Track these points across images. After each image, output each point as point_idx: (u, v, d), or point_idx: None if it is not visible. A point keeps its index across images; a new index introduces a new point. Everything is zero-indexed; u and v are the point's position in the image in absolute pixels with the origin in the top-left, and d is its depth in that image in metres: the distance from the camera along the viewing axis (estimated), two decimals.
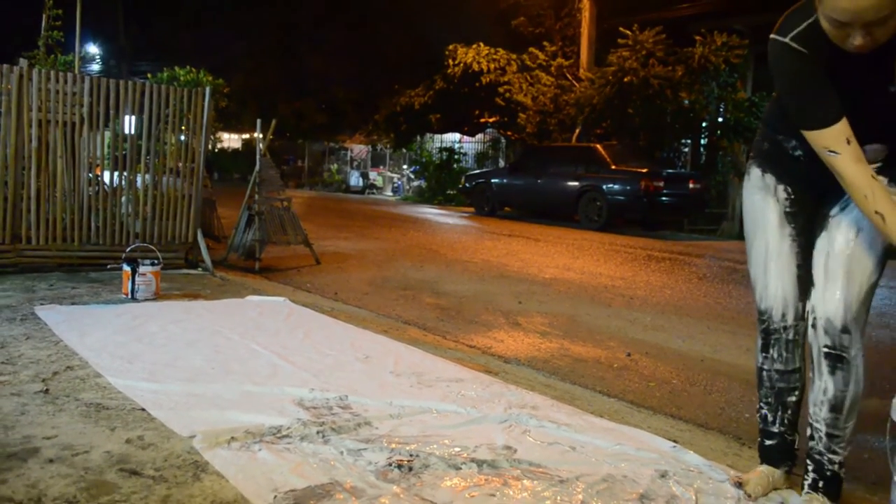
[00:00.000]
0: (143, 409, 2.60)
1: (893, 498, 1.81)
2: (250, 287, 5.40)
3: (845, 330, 1.98)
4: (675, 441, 2.63)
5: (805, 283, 2.11)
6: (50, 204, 5.34)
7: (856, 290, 1.98)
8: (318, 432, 2.43)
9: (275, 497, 1.94)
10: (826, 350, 2.02)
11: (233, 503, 1.92)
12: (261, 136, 7.05)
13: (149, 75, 7.89)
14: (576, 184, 13.41)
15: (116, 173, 5.66)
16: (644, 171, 12.60)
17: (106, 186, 5.67)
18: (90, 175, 5.51)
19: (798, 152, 2.06)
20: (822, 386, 2.04)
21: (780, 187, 2.12)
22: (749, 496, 2.11)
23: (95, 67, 26.81)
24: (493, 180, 15.58)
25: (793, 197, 2.11)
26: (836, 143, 1.85)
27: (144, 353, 3.33)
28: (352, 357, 3.49)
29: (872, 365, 3.99)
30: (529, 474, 2.22)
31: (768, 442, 2.24)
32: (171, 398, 2.71)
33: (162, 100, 5.72)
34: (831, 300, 2.00)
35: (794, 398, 2.21)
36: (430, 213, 16.06)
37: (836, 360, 2.01)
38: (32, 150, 5.22)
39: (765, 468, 2.23)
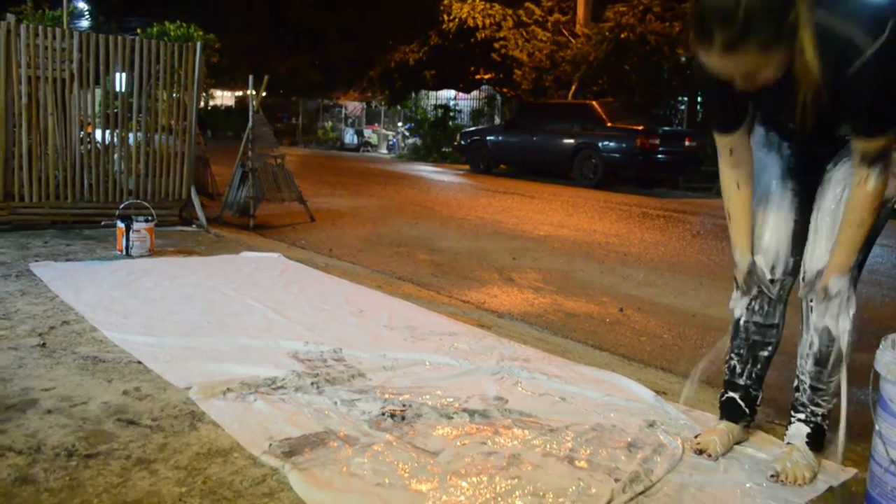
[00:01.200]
0: (140, 362, 2.63)
1: (875, 447, 1.85)
2: (245, 243, 5.41)
3: (840, 282, 1.97)
4: (664, 392, 2.68)
5: (799, 239, 2.11)
6: (42, 161, 5.32)
7: (857, 244, 1.94)
8: (312, 383, 2.47)
9: (270, 445, 1.98)
10: (812, 304, 2.04)
11: (228, 451, 1.96)
12: (253, 92, 6.99)
13: (139, 30, 7.77)
14: (571, 141, 13.35)
15: (108, 131, 5.62)
16: (640, 128, 12.54)
17: (98, 144, 5.64)
18: (82, 133, 5.47)
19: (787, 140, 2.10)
20: (809, 339, 2.06)
21: (785, 144, 2.10)
22: (710, 456, 2.10)
23: (84, 23, 26.37)
24: (488, 138, 15.49)
25: (797, 153, 2.09)
26: (724, 148, 2.07)
27: (140, 308, 3.35)
28: (346, 311, 3.52)
29: (862, 321, 4.04)
30: (520, 423, 2.27)
31: (731, 394, 2.23)
32: (167, 351, 2.74)
33: (152, 56, 5.65)
34: (819, 255, 2.01)
35: (766, 353, 2.20)
36: (425, 170, 16.00)
37: (823, 313, 2.01)
38: (23, 107, 5.17)
39: (724, 425, 2.22)
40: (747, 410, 2.23)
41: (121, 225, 4.57)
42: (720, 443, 2.15)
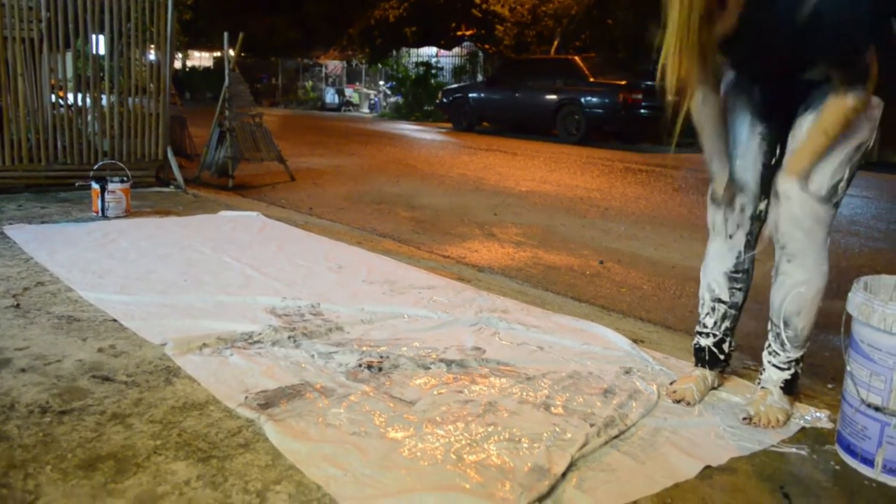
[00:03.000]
0: (115, 320, 2.61)
1: (847, 388, 1.87)
2: (223, 203, 5.36)
3: (799, 229, 1.97)
4: (642, 341, 2.69)
5: (767, 183, 2.09)
6: (14, 124, 5.21)
7: (812, 189, 1.94)
8: (289, 337, 2.46)
9: (245, 398, 1.98)
10: (781, 248, 2.03)
11: (204, 404, 1.96)
12: (231, 52, 6.85)
13: None
14: (553, 97, 13.26)
15: (80, 94, 5.50)
16: (622, 83, 12.46)
17: (71, 106, 5.52)
18: (54, 98, 5.36)
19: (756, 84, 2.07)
20: (780, 282, 2.06)
21: (756, 88, 2.08)
22: (689, 404, 2.12)
23: None
24: (470, 95, 15.35)
25: (767, 97, 2.07)
26: None
27: (116, 268, 3.32)
28: (324, 267, 3.50)
29: (840, 270, 4.09)
30: (497, 372, 2.28)
31: (704, 342, 2.25)
32: (143, 309, 2.72)
33: (123, 13, 5.52)
34: (786, 175, 1.98)
35: (737, 300, 2.21)
36: (407, 129, 15.87)
37: (792, 258, 2.01)
38: None
39: (699, 372, 2.24)
40: (721, 357, 2.25)
41: (95, 186, 4.50)
42: (697, 390, 2.17)
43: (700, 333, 2.27)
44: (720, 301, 2.21)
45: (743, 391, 2.23)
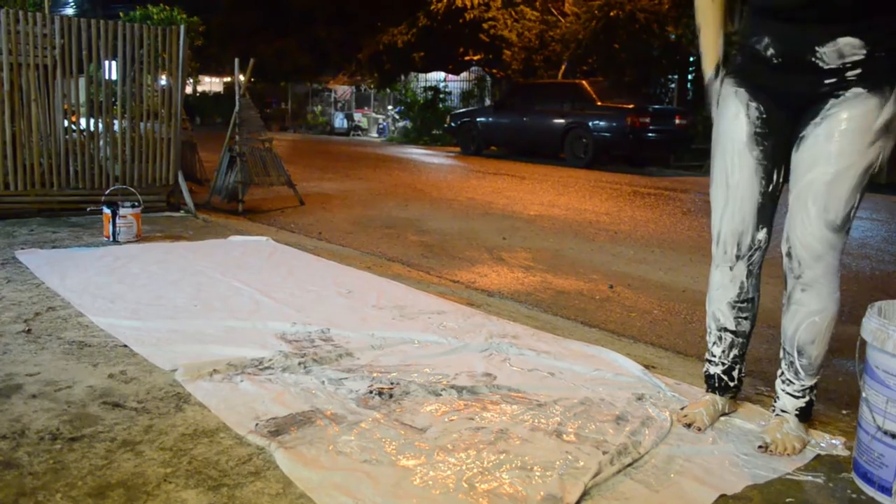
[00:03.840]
0: (126, 346, 2.61)
1: (862, 415, 1.85)
2: (233, 228, 5.38)
3: (816, 259, 1.95)
4: (653, 367, 2.68)
5: (765, 210, 2.07)
6: (27, 149, 5.26)
7: (829, 219, 1.92)
8: (299, 363, 2.46)
9: (256, 424, 1.97)
10: (796, 279, 2.01)
11: (215, 431, 1.95)
12: (241, 77, 6.92)
13: (121, 14, 7.68)
14: (561, 121, 13.31)
15: (93, 119, 5.56)
16: (630, 107, 12.51)
17: (83, 131, 5.57)
18: (66, 124, 5.41)
19: (770, 51, 1.96)
20: (794, 311, 2.05)
21: (753, 105, 2.02)
22: (699, 429, 2.10)
23: (70, 11, 26.07)
24: (478, 119, 15.43)
25: (764, 116, 2.02)
26: None
27: (126, 293, 3.33)
28: (334, 292, 3.50)
29: (852, 294, 4.06)
30: (508, 399, 2.26)
31: (713, 369, 2.23)
32: (154, 335, 2.72)
33: (136, 40, 5.58)
34: (801, 228, 1.96)
35: (744, 329, 2.18)
36: (415, 153, 15.94)
37: (806, 287, 1.99)
38: (5, 94, 5.10)
39: (710, 397, 2.22)
40: (731, 384, 2.23)
41: (107, 211, 4.53)
42: (707, 414, 2.15)
43: (709, 361, 2.25)
44: (726, 330, 2.19)
45: (756, 418, 2.21)
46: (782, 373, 2.12)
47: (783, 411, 2.10)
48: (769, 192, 2.07)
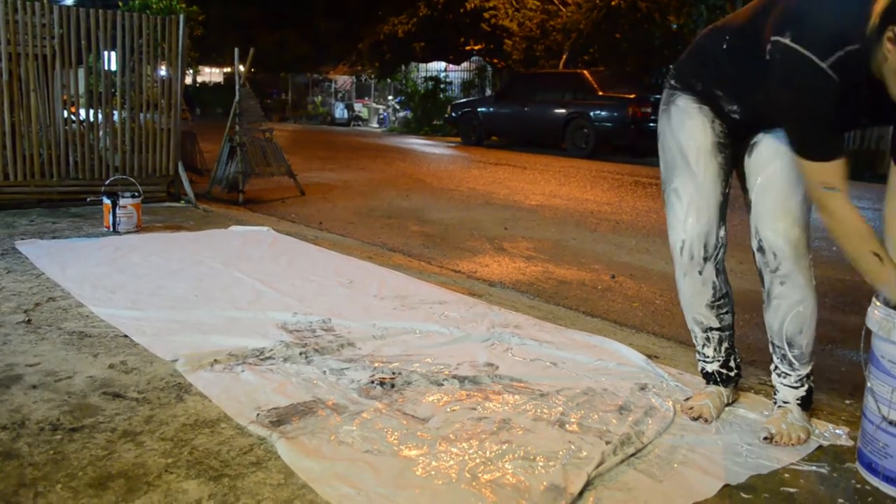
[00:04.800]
0: (126, 336, 2.60)
1: (867, 404, 1.84)
2: (234, 218, 5.36)
3: (791, 248, 1.96)
4: (656, 356, 2.66)
5: (724, 209, 2.11)
6: (26, 139, 5.24)
7: (791, 209, 1.96)
8: (301, 353, 2.45)
9: (257, 415, 1.96)
10: (773, 273, 2.01)
11: (216, 422, 1.94)
12: (240, 66, 6.89)
13: (120, 3, 7.64)
14: (563, 111, 13.26)
15: (92, 110, 5.53)
16: (631, 96, 12.45)
17: (82, 122, 5.55)
18: (65, 114, 5.39)
19: (735, 116, 2.02)
20: (776, 305, 2.04)
21: (717, 122, 2.07)
22: (706, 421, 2.09)
23: (69, 1, 25.98)
24: (479, 109, 15.36)
25: (725, 132, 2.08)
26: (836, 177, 1.74)
27: (127, 283, 3.31)
28: (335, 282, 3.49)
29: (854, 284, 4.05)
30: (511, 389, 2.25)
31: (708, 367, 2.23)
32: (154, 325, 2.71)
33: (135, 29, 5.55)
34: (778, 222, 1.98)
35: (725, 324, 2.19)
36: (416, 143, 15.90)
37: (785, 280, 2.00)
38: (4, 84, 5.08)
39: (714, 389, 2.21)
40: (731, 374, 2.23)
41: (107, 201, 4.51)
42: (713, 406, 2.14)
43: (704, 361, 2.25)
44: (712, 329, 2.20)
45: (760, 407, 2.20)
46: (776, 366, 2.12)
47: (784, 402, 2.09)
48: (727, 193, 2.12)
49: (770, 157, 2.00)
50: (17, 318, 2.75)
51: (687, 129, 2.10)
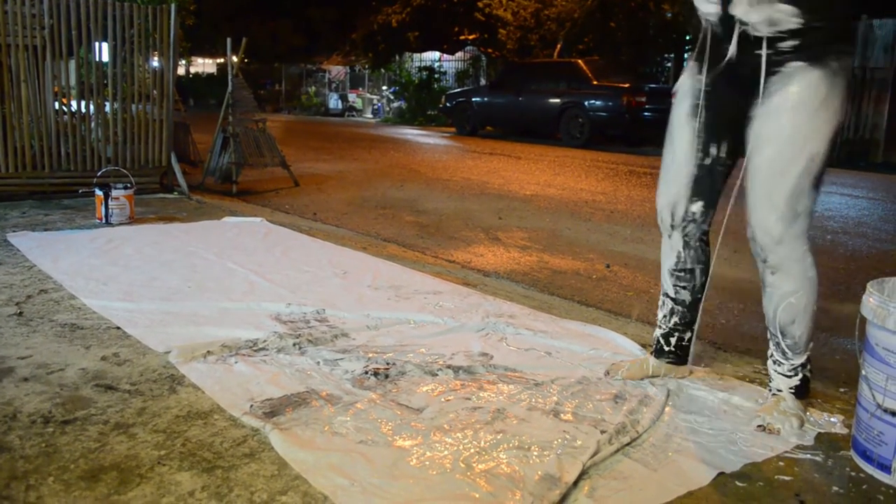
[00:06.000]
0: (119, 328, 2.58)
1: (862, 392, 1.84)
2: (227, 209, 5.34)
3: (776, 243, 1.94)
4: (651, 345, 2.66)
5: (702, 182, 2.10)
6: (17, 131, 5.20)
7: (776, 205, 1.91)
8: (294, 344, 2.44)
9: (251, 406, 1.95)
10: (763, 262, 2.00)
11: (209, 413, 1.93)
12: (233, 57, 6.85)
13: None
14: (557, 100, 13.23)
15: (84, 101, 5.49)
16: (626, 86, 12.43)
17: (74, 113, 5.51)
18: (57, 106, 5.35)
19: (713, 20, 1.95)
20: (769, 294, 2.04)
21: (699, 77, 2.04)
22: (607, 374, 2.27)
23: None
24: (473, 99, 15.32)
25: (708, 90, 2.02)
26: None
27: (119, 275, 3.30)
28: (329, 273, 3.47)
29: (849, 272, 4.05)
30: (505, 379, 2.24)
31: (656, 332, 2.35)
32: (147, 316, 2.70)
33: (126, 19, 5.51)
34: (762, 213, 1.95)
35: (683, 297, 2.26)
36: (410, 133, 15.85)
37: (775, 270, 1.99)
38: None
39: (643, 357, 2.36)
40: (665, 349, 2.31)
41: (99, 193, 4.49)
42: (627, 368, 2.28)
43: (657, 325, 2.35)
44: (667, 296, 2.29)
45: (754, 396, 2.19)
46: (772, 354, 2.12)
47: (778, 391, 2.09)
48: (706, 165, 2.09)
49: (758, 144, 1.93)
50: (8, 311, 2.74)
51: (678, 95, 2.11)
